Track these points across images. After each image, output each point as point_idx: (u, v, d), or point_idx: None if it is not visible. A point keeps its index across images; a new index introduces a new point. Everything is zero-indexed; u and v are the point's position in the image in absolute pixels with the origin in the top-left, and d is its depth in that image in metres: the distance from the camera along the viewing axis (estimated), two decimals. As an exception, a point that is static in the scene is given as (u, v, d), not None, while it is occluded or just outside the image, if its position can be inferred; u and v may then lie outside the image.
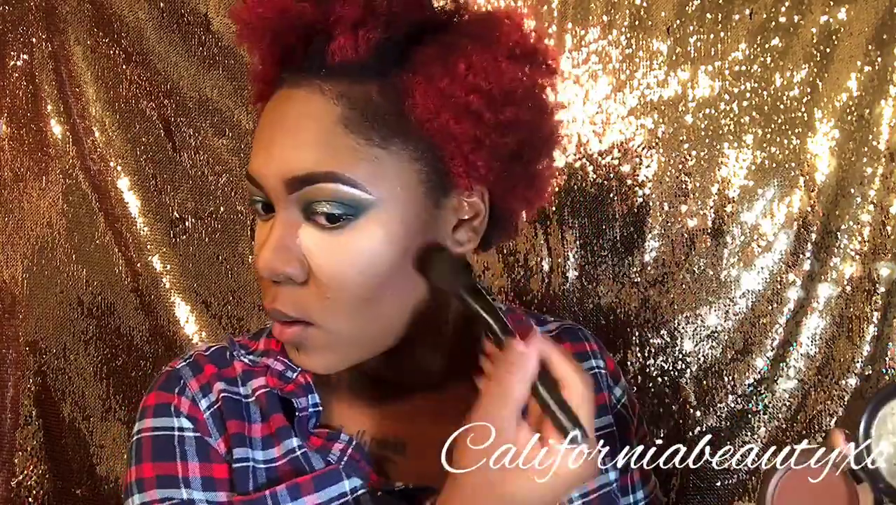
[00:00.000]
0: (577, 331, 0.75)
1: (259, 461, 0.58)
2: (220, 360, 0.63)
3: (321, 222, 0.52)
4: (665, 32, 1.24)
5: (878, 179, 1.24)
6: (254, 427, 0.59)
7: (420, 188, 0.54)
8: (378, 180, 0.52)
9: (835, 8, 1.22)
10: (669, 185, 1.26)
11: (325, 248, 0.53)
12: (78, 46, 1.25)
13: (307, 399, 0.60)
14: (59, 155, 1.26)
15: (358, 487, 0.57)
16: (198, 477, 0.57)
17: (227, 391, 0.60)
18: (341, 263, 0.52)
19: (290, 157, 0.52)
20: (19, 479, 1.26)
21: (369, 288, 0.53)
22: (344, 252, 0.52)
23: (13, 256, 1.26)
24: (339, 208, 0.52)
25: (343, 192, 0.52)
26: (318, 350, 0.55)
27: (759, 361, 1.28)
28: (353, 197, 0.52)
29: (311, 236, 0.53)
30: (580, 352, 0.72)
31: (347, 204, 0.52)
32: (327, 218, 0.52)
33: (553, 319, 0.76)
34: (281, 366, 0.61)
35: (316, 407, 0.60)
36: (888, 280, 1.25)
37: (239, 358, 0.63)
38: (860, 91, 1.23)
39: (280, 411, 0.60)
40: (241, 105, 1.27)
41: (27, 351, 1.27)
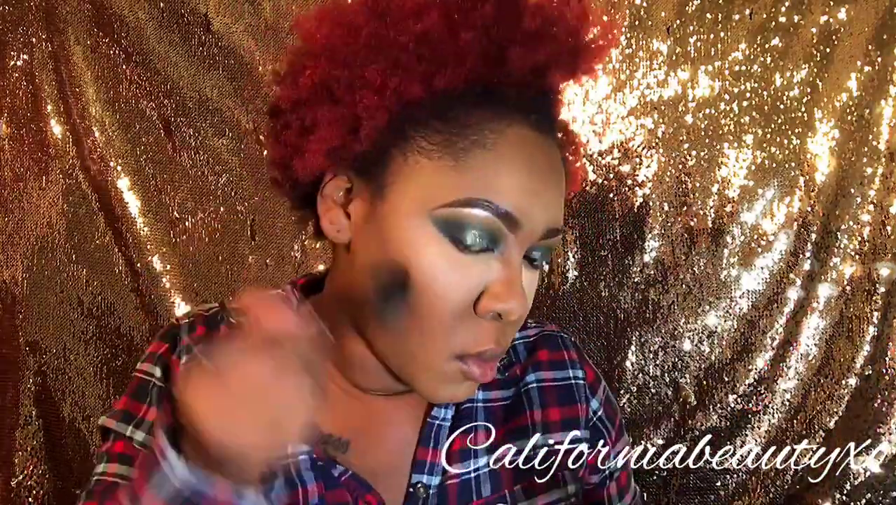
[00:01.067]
0: (557, 338, 0.74)
1: None
2: (213, 322, 0.66)
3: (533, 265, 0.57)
4: (665, 32, 1.24)
5: (878, 179, 1.24)
6: None
7: None
8: None
9: (835, 8, 1.22)
10: (669, 185, 1.26)
11: (530, 285, 0.58)
12: (78, 46, 1.25)
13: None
14: (59, 155, 1.26)
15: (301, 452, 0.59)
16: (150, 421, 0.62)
17: None
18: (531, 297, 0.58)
19: (556, 210, 0.56)
20: (19, 479, 1.26)
21: None
22: (534, 287, 0.59)
23: (13, 256, 1.26)
24: (548, 256, 0.59)
25: (557, 243, 0.58)
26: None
27: (759, 361, 1.28)
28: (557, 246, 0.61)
29: (526, 277, 0.57)
30: (558, 360, 0.72)
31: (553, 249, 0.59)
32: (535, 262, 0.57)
33: (534, 325, 0.75)
34: None
35: None
36: (888, 280, 1.25)
37: (225, 321, 0.65)
38: (860, 91, 1.23)
39: None
40: (241, 105, 1.27)
41: (27, 351, 1.27)
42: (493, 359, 0.56)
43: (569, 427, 0.68)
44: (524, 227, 0.52)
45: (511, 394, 0.69)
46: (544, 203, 0.54)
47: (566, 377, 0.71)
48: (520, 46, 0.52)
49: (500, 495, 0.63)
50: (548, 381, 0.70)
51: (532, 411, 0.68)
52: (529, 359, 0.71)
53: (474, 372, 0.55)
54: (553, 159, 0.56)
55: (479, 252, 0.52)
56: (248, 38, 1.26)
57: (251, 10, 1.26)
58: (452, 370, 0.55)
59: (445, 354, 0.54)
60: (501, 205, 0.51)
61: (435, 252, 0.52)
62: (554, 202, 0.55)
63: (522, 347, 0.72)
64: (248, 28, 1.26)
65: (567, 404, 0.69)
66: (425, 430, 0.63)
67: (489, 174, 0.51)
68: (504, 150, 0.52)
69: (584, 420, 0.70)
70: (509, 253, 0.53)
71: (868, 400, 1.26)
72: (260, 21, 1.26)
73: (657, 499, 1.28)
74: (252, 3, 1.26)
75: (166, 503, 0.42)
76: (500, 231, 0.52)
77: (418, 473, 0.62)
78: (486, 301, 0.52)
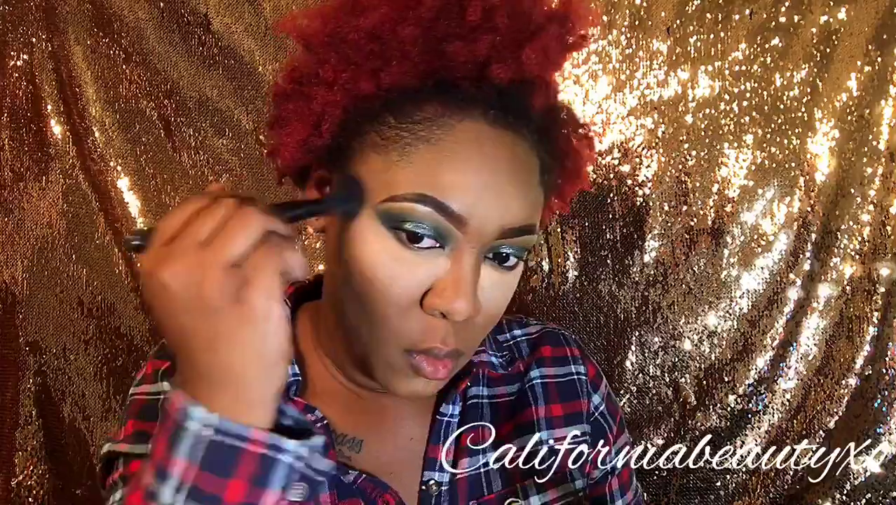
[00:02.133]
0: (559, 335, 0.75)
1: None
2: None
3: (498, 263, 0.55)
4: (665, 32, 1.24)
5: (878, 179, 1.24)
6: None
7: None
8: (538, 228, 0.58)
9: (835, 8, 1.22)
10: (669, 185, 1.26)
11: (498, 287, 0.56)
12: (78, 46, 1.25)
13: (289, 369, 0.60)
14: (59, 155, 1.26)
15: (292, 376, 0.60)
16: None
17: None
18: (504, 298, 0.57)
19: (513, 207, 0.53)
20: (19, 479, 1.26)
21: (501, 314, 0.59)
22: (507, 289, 0.57)
23: (13, 256, 1.26)
24: (521, 254, 0.56)
25: (530, 241, 0.56)
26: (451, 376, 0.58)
27: (760, 361, 1.28)
28: (531, 244, 0.56)
29: (488, 276, 0.55)
30: (561, 356, 0.72)
31: (527, 250, 0.56)
32: (506, 261, 0.55)
33: (535, 322, 0.76)
34: None
35: (296, 377, 0.61)
36: (888, 280, 1.25)
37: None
38: (860, 91, 1.23)
39: None
40: (241, 105, 1.27)
41: (27, 351, 1.27)
42: (446, 358, 0.55)
43: (571, 422, 0.69)
44: (472, 225, 0.51)
45: (516, 389, 0.69)
46: (497, 200, 0.52)
47: (569, 373, 0.72)
48: (459, 40, 0.51)
49: (511, 489, 0.64)
50: (551, 377, 0.71)
51: (536, 407, 0.68)
52: (533, 355, 0.72)
53: (423, 368, 0.54)
54: (514, 155, 0.54)
55: (428, 249, 0.52)
56: (248, 38, 1.26)
57: (251, 10, 1.26)
58: (403, 363, 0.55)
59: (394, 347, 0.54)
60: (445, 201, 0.51)
61: (378, 246, 0.52)
62: (512, 200, 0.53)
63: (525, 343, 0.73)
64: (248, 28, 1.26)
65: (569, 400, 0.70)
66: (435, 427, 0.64)
67: (433, 170, 0.51)
68: (450, 146, 0.52)
69: (585, 415, 0.71)
70: (459, 251, 0.52)
71: (868, 400, 1.26)
72: (260, 21, 1.26)
73: (657, 499, 1.28)
74: (252, 3, 1.26)
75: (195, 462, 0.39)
76: (445, 228, 0.51)
77: (430, 471, 0.62)
78: (430, 298, 0.52)
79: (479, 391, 0.67)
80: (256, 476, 0.40)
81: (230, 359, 0.40)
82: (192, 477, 0.39)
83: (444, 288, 0.52)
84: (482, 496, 0.63)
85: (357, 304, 0.54)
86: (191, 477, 0.39)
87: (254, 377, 0.41)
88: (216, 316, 0.39)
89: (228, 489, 0.40)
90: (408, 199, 0.51)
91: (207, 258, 0.39)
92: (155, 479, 0.40)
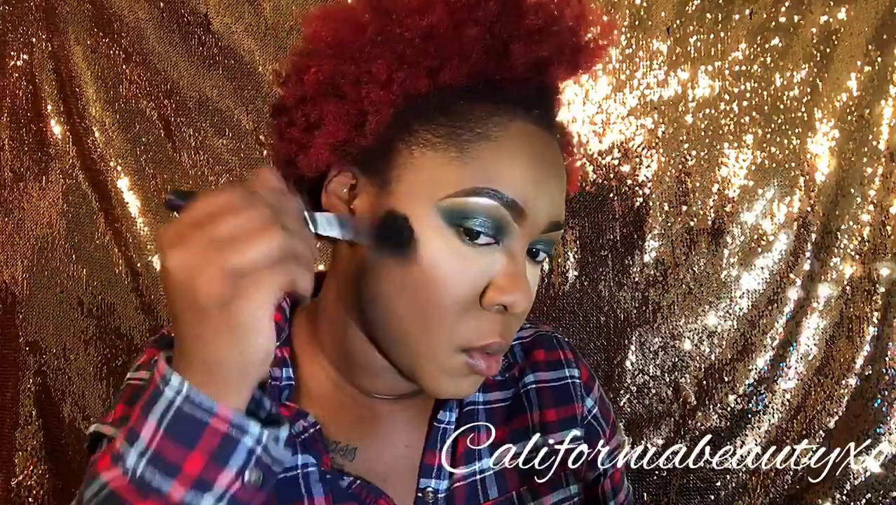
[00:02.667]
0: (552, 339, 0.75)
1: None
2: None
3: (535, 258, 0.58)
4: (665, 32, 1.24)
5: (878, 179, 1.24)
6: None
7: None
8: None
9: (835, 8, 1.22)
10: (669, 185, 1.26)
11: (534, 278, 0.58)
12: (78, 46, 1.25)
13: (282, 372, 0.60)
14: (59, 155, 1.26)
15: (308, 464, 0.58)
16: None
17: None
18: (534, 292, 0.58)
19: (558, 201, 0.56)
20: (19, 479, 1.26)
21: None
22: (536, 283, 0.59)
23: (13, 256, 1.26)
24: (550, 249, 0.59)
25: (559, 237, 0.59)
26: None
27: (760, 361, 1.28)
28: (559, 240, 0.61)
29: (529, 271, 0.57)
30: (554, 360, 0.72)
31: (554, 244, 0.59)
32: (537, 256, 0.58)
33: (529, 326, 0.76)
34: None
35: (290, 380, 0.61)
36: (888, 280, 1.25)
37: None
38: (860, 91, 1.23)
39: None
40: (241, 105, 1.27)
41: (27, 351, 1.27)
42: (498, 352, 0.56)
43: (567, 426, 0.69)
44: (529, 218, 0.53)
45: (511, 395, 0.69)
46: (548, 195, 0.54)
47: (563, 377, 0.72)
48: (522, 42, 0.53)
49: (507, 497, 0.64)
50: (545, 381, 0.71)
51: (531, 413, 0.68)
52: (527, 360, 0.72)
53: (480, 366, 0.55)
54: (555, 154, 0.57)
55: (484, 245, 0.53)
56: (248, 38, 1.27)
57: (251, 10, 1.26)
58: (457, 363, 0.54)
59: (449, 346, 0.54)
60: (507, 194, 0.52)
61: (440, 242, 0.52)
62: (557, 195, 0.56)
63: (519, 347, 0.73)
64: (248, 28, 1.26)
65: (564, 404, 0.70)
66: (432, 434, 0.63)
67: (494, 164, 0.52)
68: (508, 142, 0.53)
69: (580, 418, 0.71)
70: (514, 245, 0.54)
71: (868, 400, 1.26)
72: (260, 21, 1.26)
73: (657, 499, 1.28)
74: (252, 3, 1.26)
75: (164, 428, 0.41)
76: (505, 221, 0.52)
77: (426, 478, 0.62)
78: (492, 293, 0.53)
79: (475, 397, 0.67)
80: (216, 453, 0.41)
81: (211, 353, 0.41)
82: (156, 443, 0.41)
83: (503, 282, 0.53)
84: (478, 504, 0.62)
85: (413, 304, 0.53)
86: (156, 442, 0.41)
87: (233, 371, 0.42)
88: (202, 314, 0.40)
89: (188, 461, 0.41)
90: (471, 194, 0.52)
91: (211, 257, 0.39)
92: (125, 442, 0.42)
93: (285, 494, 0.56)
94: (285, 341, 0.62)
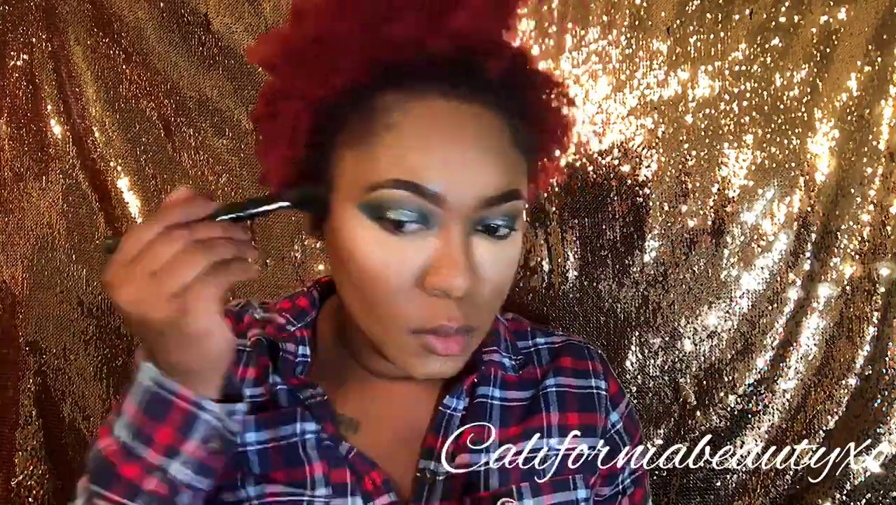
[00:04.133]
0: (584, 348, 0.74)
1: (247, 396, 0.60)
2: (237, 316, 0.70)
3: (490, 234, 0.56)
4: (665, 32, 1.24)
5: (878, 179, 1.24)
6: (248, 370, 0.66)
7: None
8: (525, 193, 0.59)
9: (835, 8, 1.22)
10: (669, 185, 1.26)
11: (494, 258, 0.56)
12: (78, 46, 1.25)
13: (297, 348, 0.66)
14: (59, 155, 1.26)
15: (307, 431, 0.62)
16: None
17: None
18: (504, 270, 0.58)
19: (484, 177, 0.54)
20: (19, 479, 1.26)
21: (509, 288, 0.60)
22: (506, 260, 0.57)
23: (13, 256, 1.26)
24: (511, 223, 0.56)
25: (518, 207, 0.56)
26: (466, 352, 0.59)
27: (759, 361, 1.28)
28: (520, 211, 0.57)
29: (482, 248, 0.56)
30: (581, 369, 0.72)
31: (515, 218, 0.57)
32: (497, 231, 0.56)
33: (560, 334, 0.75)
34: (283, 320, 0.68)
35: (304, 357, 0.66)
36: (888, 280, 1.25)
37: (251, 313, 0.70)
38: (860, 91, 1.23)
39: (266, 354, 0.66)
40: (241, 105, 1.27)
41: (27, 351, 1.27)
42: (456, 334, 0.56)
43: (585, 434, 0.68)
44: (450, 201, 0.52)
45: (528, 395, 0.69)
46: (469, 172, 0.53)
47: (588, 385, 0.71)
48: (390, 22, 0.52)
49: (507, 489, 0.64)
50: (568, 386, 0.70)
51: (549, 414, 0.68)
52: (552, 364, 0.71)
53: (435, 346, 0.55)
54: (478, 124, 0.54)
55: (414, 232, 0.53)
56: (248, 38, 1.27)
57: (251, 10, 1.26)
58: (415, 346, 0.56)
59: (401, 330, 0.56)
60: (417, 182, 0.52)
61: (369, 236, 0.54)
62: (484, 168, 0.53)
63: (546, 350, 0.73)
64: (248, 28, 1.26)
65: (585, 411, 0.70)
66: (436, 418, 0.64)
67: (400, 153, 0.52)
68: (409, 128, 0.53)
69: (601, 430, 0.70)
70: (446, 229, 0.53)
71: (868, 400, 1.26)
72: (260, 21, 1.26)
73: (657, 499, 1.28)
74: (252, 3, 1.26)
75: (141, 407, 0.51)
76: (425, 207, 0.52)
77: (426, 459, 0.63)
78: (429, 279, 0.53)
79: (489, 391, 0.67)
80: (182, 426, 0.51)
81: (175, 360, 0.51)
82: (136, 418, 0.51)
83: (438, 267, 0.53)
84: (477, 492, 0.62)
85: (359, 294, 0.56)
86: (135, 418, 0.51)
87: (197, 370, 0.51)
88: (159, 334, 0.49)
89: (159, 432, 0.51)
90: (384, 187, 0.52)
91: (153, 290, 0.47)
92: (115, 417, 0.53)
93: (287, 459, 0.61)
94: (309, 324, 0.68)
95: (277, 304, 0.72)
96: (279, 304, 0.71)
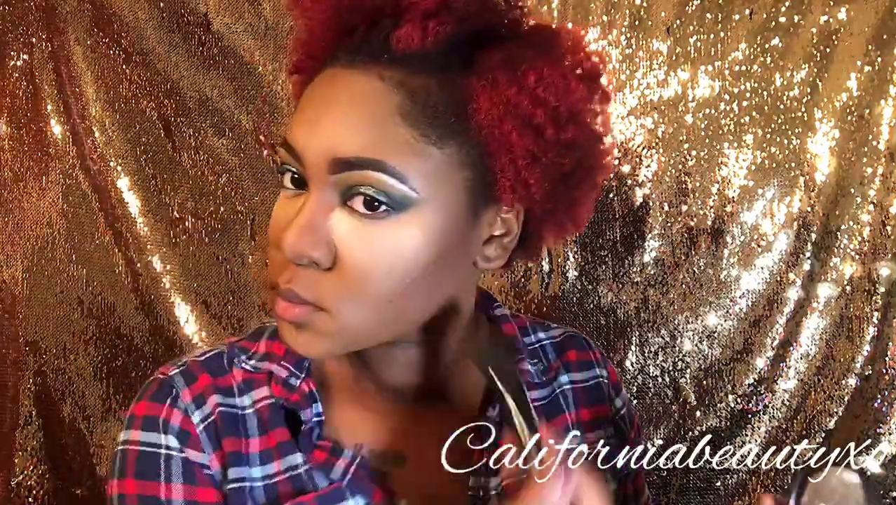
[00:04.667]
0: (582, 339, 0.74)
1: (256, 478, 0.56)
2: (216, 368, 0.60)
3: (358, 209, 0.51)
4: (665, 32, 1.24)
5: (878, 179, 1.24)
6: (251, 442, 0.58)
7: (464, 196, 0.53)
8: (427, 180, 0.51)
9: (835, 8, 1.22)
10: (669, 185, 1.26)
11: (359, 237, 0.51)
12: (78, 46, 1.25)
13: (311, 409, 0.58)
14: (59, 155, 1.26)
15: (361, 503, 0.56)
16: (181, 500, 0.55)
17: (223, 404, 0.58)
18: (373, 255, 0.51)
19: (340, 137, 0.50)
20: (19, 479, 1.26)
21: (393, 287, 0.52)
22: (377, 245, 0.51)
23: (13, 256, 1.26)
24: (382, 197, 0.50)
25: (389, 184, 0.50)
26: (321, 336, 0.53)
27: (759, 361, 1.28)
28: (399, 191, 0.50)
29: (345, 222, 0.51)
30: (586, 360, 0.71)
31: (391, 196, 0.50)
32: (366, 205, 0.50)
33: (556, 326, 0.74)
34: (285, 372, 0.59)
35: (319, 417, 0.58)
36: (888, 280, 1.25)
37: (239, 365, 0.60)
38: (860, 91, 1.23)
39: (283, 425, 0.58)
40: (241, 105, 1.27)
41: (27, 351, 1.27)
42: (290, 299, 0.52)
43: (598, 426, 0.69)
44: (306, 158, 0.52)
45: (547, 394, 0.68)
46: (326, 131, 0.51)
47: (594, 376, 0.71)
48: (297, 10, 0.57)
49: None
50: (577, 382, 0.70)
51: (569, 413, 0.68)
52: (559, 359, 0.71)
53: (277, 305, 0.53)
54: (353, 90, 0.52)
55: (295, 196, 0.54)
56: (248, 38, 1.27)
57: (251, 10, 1.26)
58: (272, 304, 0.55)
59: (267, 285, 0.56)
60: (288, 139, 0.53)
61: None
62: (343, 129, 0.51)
63: (550, 346, 0.72)
64: (248, 28, 1.26)
65: (596, 404, 0.70)
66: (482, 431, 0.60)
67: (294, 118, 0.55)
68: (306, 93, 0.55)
69: (609, 418, 0.71)
70: (314, 193, 0.52)
71: (868, 400, 1.26)
72: (260, 21, 1.26)
73: (657, 499, 1.28)
74: (252, 3, 1.26)
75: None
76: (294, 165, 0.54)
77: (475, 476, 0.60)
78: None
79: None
80: None
81: None
82: None
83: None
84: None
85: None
86: None
87: None
88: None
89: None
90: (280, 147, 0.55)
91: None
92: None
93: None
94: (309, 370, 0.60)
95: (256, 344, 0.62)
96: (259, 345, 0.62)
